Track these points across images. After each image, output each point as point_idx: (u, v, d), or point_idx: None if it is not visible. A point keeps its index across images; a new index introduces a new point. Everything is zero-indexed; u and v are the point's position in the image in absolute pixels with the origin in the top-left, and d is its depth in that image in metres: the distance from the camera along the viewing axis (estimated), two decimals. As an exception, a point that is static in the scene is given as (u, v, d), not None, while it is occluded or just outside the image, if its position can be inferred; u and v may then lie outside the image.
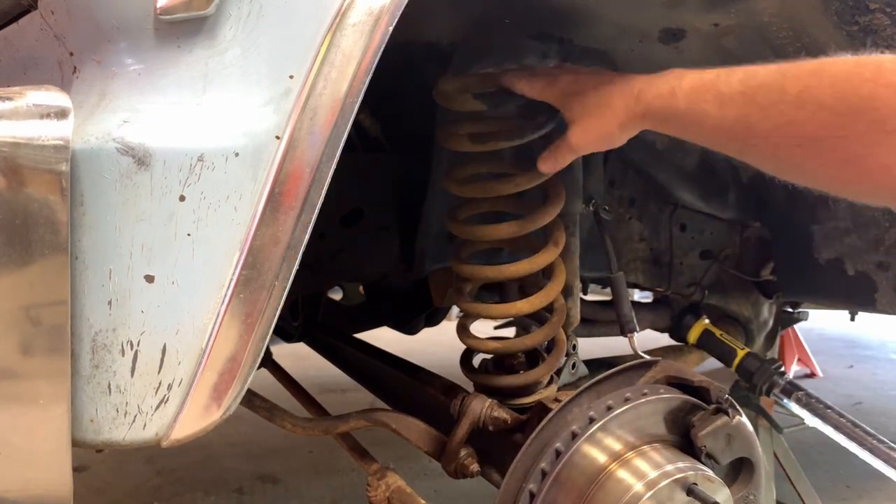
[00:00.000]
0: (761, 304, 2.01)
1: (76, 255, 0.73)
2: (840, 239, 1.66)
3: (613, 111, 0.98)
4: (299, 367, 2.25)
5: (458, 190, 1.28)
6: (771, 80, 0.81)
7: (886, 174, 0.74)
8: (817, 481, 2.18)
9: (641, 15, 1.20)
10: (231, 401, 0.79)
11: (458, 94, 1.19)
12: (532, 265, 1.25)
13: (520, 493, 1.01)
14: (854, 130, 0.74)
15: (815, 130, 0.77)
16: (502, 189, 1.23)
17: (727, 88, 0.85)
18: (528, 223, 1.23)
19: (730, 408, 1.07)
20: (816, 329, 5.87)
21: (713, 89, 0.86)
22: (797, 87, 0.78)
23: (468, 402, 1.22)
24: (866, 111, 0.73)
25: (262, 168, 0.76)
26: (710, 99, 0.86)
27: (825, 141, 0.77)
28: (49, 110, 0.70)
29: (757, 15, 1.16)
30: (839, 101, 0.75)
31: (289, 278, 0.79)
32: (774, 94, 0.80)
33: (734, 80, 0.85)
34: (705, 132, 0.89)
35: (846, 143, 0.75)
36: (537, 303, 1.26)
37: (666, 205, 1.88)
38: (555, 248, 1.26)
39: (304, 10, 0.77)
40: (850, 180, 0.79)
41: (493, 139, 1.20)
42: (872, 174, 0.75)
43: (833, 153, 0.77)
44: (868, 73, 0.74)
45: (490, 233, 1.26)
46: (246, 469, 2.87)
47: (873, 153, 0.74)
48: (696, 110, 0.88)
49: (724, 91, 0.85)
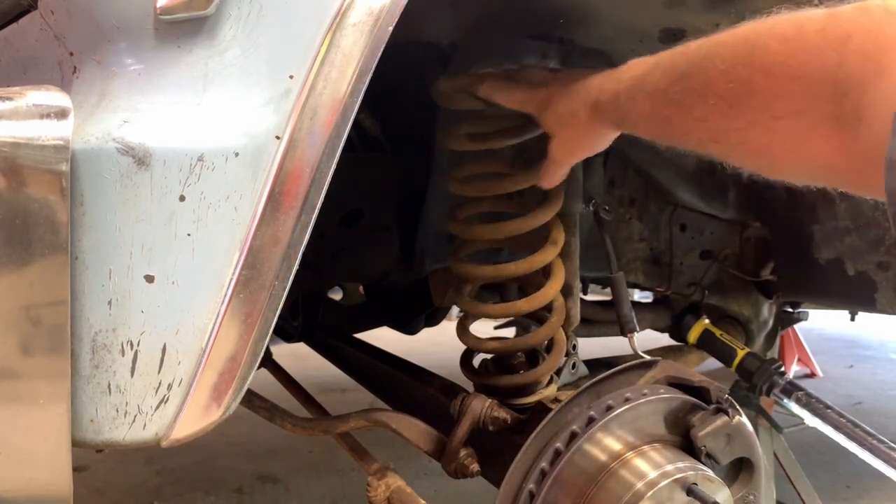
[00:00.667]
0: (761, 304, 2.01)
1: (76, 255, 0.73)
2: (840, 239, 1.66)
3: (578, 118, 0.96)
4: (299, 367, 2.25)
5: (459, 189, 1.28)
6: (682, 69, 0.75)
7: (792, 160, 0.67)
8: (817, 481, 2.18)
9: (641, 15, 1.20)
10: (231, 401, 0.79)
11: (457, 93, 1.19)
12: (531, 264, 1.25)
13: (520, 493, 1.01)
14: (747, 120, 0.68)
15: (719, 122, 0.71)
16: (502, 188, 1.23)
17: (652, 87, 0.79)
18: (528, 222, 1.23)
19: (730, 408, 1.07)
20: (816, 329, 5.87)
21: (642, 88, 0.81)
22: (699, 77, 0.72)
23: (468, 402, 1.22)
24: (749, 99, 0.67)
25: (262, 168, 0.76)
26: (640, 98, 0.81)
27: (731, 133, 0.70)
28: (49, 110, 0.70)
29: (757, 15, 1.16)
30: (728, 91, 0.68)
31: (289, 278, 0.79)
32: (683, 90, 0.74)
33: (657, 74, 0.78)
34: (647, 130, 0.84)
35: (746, 133, 0.69)
36: (536, 302, 1.26)
37: (666, 205, 1.88)
38: (554, 247, 1.26)
39: (304, 10, 0.77)
40: (769, 170, 0.72)
41: (492, 138, 1.20)
42: (782, 162, 0.69)
43: (742, 146, 0.70)
44: (745, 55, 0.67)
45: (490, 232, 1.26)
46: (246, 469, 2.87)
47: (772, 141, 0.67)
48: (633, 112, 0.83)
49: (650, 90, 0.79)
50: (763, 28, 0.68)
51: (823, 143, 0.64)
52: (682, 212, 1.89)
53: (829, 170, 0.66)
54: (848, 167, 0.63)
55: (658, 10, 1.16)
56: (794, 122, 0.65)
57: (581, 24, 1.22)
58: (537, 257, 1.25)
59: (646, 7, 1.16)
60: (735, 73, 0.68)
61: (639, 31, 1.25)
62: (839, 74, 0.59)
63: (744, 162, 0.74)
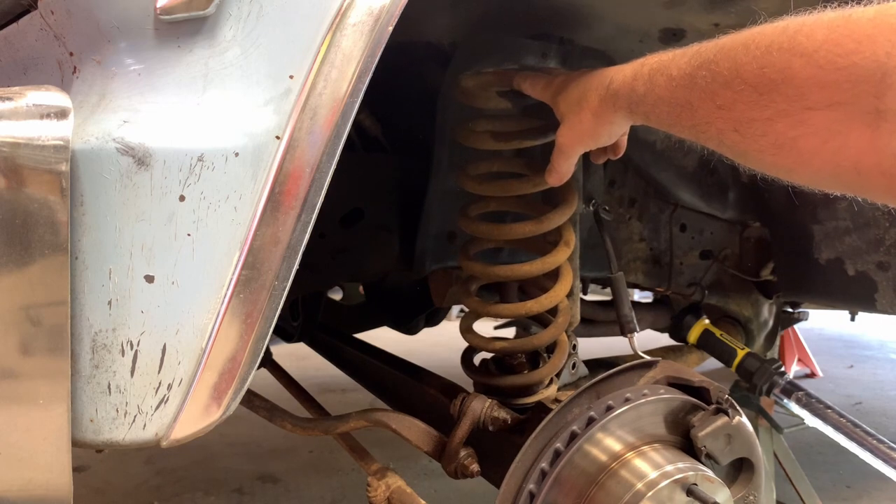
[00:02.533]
0: (761, 304, 2.01)
1: (76, 255, 0.73)
2: (840, 239, 1.66)
3: (589, 104, 0.95)
4: (299, 367, 2.25)
5: (475, 187, 1.27)
6: (710, 56, 0.73)
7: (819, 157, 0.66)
8: (817, 481, 2.18)
9: (641, 15, 1.20)
10: (231, 401, 0.79)
11: (482, 91, 1.19)
12: (546, 265, 1.24)
13: (520, 493, 1.01)
14: (777, 110, 0.66)
15: (744, 112, 0.69)
16: (520, 188, 1.22)
17: (676, 71, 0.77)
18: (545, 223, 1.23)
19: (730, 408, 1.07)
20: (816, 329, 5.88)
21: (665, 73, 0.79)
22: (727, 64, 0.71)
23: (468, 402, 1.22)
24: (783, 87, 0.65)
25: (262, 168, 0.76)
26: (662, 83, 0.80)
27: (755, 123, 0.69)
28: (49, 110, 0.70)
29: (757, 15, 1.16)
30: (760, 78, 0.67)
31: (289, 278, 0.79)
32: (709, 74, 0.73)
33: (684, 60, 0.77)
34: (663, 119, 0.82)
35: (773, 124, 0.67)
36: (546, 303, 1.26)
37: (666, 205, 1.88)
38: (566, 248, 1.26)
39: (305, 10, 0.77)
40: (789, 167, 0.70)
41: (517, 137, 1.19)
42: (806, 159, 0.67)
43: (765, 138, 0.69)
44: (785, 41, 0.65)
45: (505, 232, 1.26)
46: (246, 469, 2.87)
47: (801, 134, 0.65)
48: (651, 97, 0.82)
49: (674, 73, 0.78)
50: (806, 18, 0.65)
51: (856, 139, 0.61)
52: (682, 212, 1.89)
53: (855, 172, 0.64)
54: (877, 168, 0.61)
55: (658, 10, 1.16)
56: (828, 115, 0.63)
57: (581, 24, 1.22)
58: (551, 258, 1.24)
59: (646, 7, 1.16)
60: (770, 58, 0.66)
61: (639, 31, 1.26)
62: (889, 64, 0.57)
63: (762, 157, 0.71)
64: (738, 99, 0.69)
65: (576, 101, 0.98)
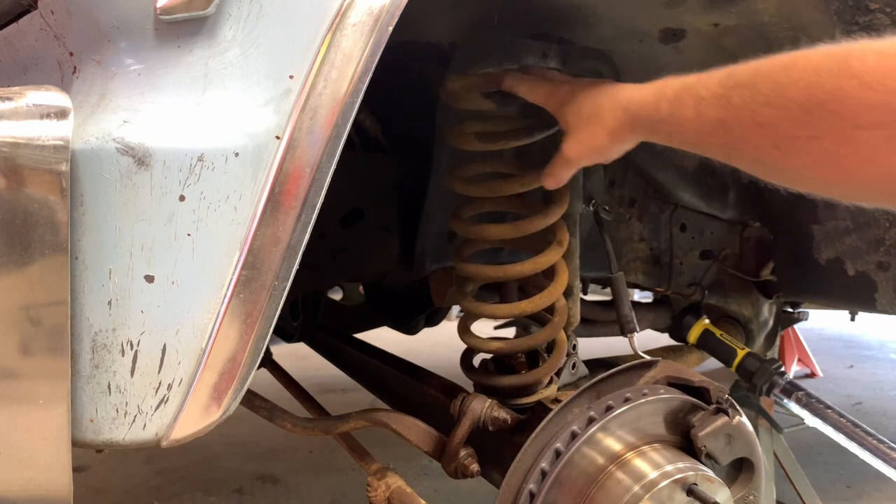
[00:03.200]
0: (761, 304, 2.01)
1: (76, 255, 0.73)
2: (840, 239, 1.66)
3: (604, 122, 0.96)
4: (299, 367, 2.25)
5: (464, 189, 1.27)
6: (746, 78, 0.77)
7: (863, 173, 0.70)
8: (817, 481, 2.18)
9: (641, 15, 1.20)
10: (231, 401, 0.79)
11: (466, 93, 1.19)
12: (538, 265, 1.25)
13: (520, 493, 1.01)
14: (824, 128, 0.70)
15: (788, 130, 0.73)
16: (508, 189, 1.22)
17: (706, 92, 0.81)
18: (537, 222, 1.23)
19: (730, 408, 1.07)
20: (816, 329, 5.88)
21: (693, 94, 0.83)
22: (768, 84, 0.74)
23: (468, 402, 1.22)
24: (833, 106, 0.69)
25: (262, 168, 0.76)
26: (690, 104, 0.83)
27: (799, 141, 0.72)
28: (49, 110, 0.71)
29: (757, 15, 1.16)
30: (808, 98, 0.70)
31: (289, 278, 0.79)
32: (747, 94, 0.76)
33: (713, 82, 0.81)
34: (688, 138, 0.86)
35: (819, 142, 0.71)
36: (541, 303, 1.26)
37: (666, 205, 1.88)
38: (559, 248, 1.26)
39: (305, 10, 0.77)
40: (831, 182, 0.74)
41: (502, 138, 1.19)
42: (851, 174, 0.71)
43: (809, 154, 0.72)
44: (834, 65, 0.69)
45: (497, 232, 1.26)
46: (246, 469, 2.87)
47: (848, 152, 0.69)
48: (677, 116, 0.85)
49: (703, 95, 0.81)
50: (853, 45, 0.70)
51: None
52: (682, 212, 1.89)
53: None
54: None
55: (658, 10, 1.16)
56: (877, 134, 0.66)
57: (581, 24, 1.22)
58: (544, 257, 1.24)
59: (646, 7, 1.16)
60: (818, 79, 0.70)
61: (639, 31, 1.25)
62: None
63: (803, 172, 0.75)
64: (783, 116, 0.73)
65: (587, 117, 0.99)
